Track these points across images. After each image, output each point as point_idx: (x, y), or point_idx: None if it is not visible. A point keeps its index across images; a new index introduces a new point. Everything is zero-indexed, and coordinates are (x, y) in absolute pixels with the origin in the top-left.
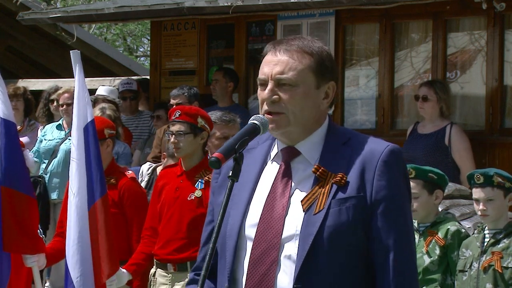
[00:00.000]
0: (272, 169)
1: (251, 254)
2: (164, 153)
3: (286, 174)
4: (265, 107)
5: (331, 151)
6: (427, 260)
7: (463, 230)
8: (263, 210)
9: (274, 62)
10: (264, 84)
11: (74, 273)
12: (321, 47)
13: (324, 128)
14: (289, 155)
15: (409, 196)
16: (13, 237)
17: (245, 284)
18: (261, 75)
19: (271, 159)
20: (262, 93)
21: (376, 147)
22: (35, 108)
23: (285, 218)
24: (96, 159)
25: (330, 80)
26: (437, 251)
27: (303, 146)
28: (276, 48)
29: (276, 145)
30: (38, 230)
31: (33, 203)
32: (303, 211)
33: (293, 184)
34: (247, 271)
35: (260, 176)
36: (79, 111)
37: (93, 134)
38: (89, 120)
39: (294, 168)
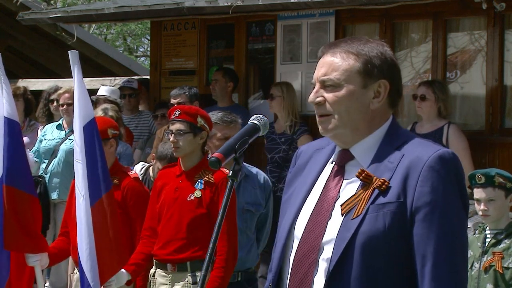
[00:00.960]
0: (330, 171)
1: (295, 254)
2: (153, 154)
3: (337, 176)
4: (316, 110)
5: (383, 155)
6: None
7: None
8: (312, 211)
9: (321, 65)
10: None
11: (90, 276)
12: (372, 47)
13: (382, 130)
14: (342, 158)
15: (462, 204)
16: (14, 236)
17: (288, 284)
18: (312, 80)
19: (331, 160)
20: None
21: (425, 152)
22: (35, 108)
23: (328, 221)
24: (99, 156)
25: (381, 78)
26: None
27: (356, 149)
28: (324, 52)
29: (337, 146)
30: None
31: (35, 202)
32: (341, 215)
33: (342, 187)
34: (291, 271)
35: (319, 176)
36: (80, 112)
37: (95, 131)
38: (89, 119)
39: (347, 171)
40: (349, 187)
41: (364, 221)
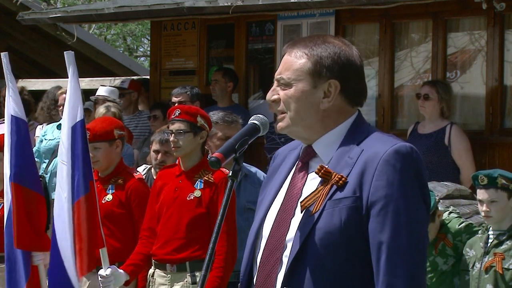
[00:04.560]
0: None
1: (262, 253)
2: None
3: (301, 173)
4: (273, 108)
5: (344, 151)
6: (440, 261)
7: (471, 223)
8: (279, 210)
9: (280, 63)
10: None
11: (73, 277)
12: (327, 47)
13: (344, 127)
14: (306, 155)
15: (421, 197)
16: (24, 234)
17: (255, 283)
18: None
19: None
20: None
21: (382, 147)
22: (35, 108)
23: (291, 219)
24: (83, 158)
25: (331, 78)
26: (449, 252)
27: (318, 145)
28: (285, 50)
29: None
30: None
31: (41, 200)
32: (301, 212)
33: (305, 184)
34: (258, 270)
35: (287, 176)
36: (69, 112)
37: (82, 133)
38: (78, 120)
39: (311, 168)
40: (311, 184)
41: (321, 217)
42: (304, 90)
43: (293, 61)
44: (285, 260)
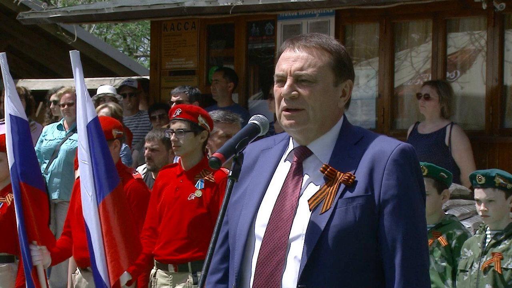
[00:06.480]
0: (284, 169)
1: (259, 253)
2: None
3: (297, 173)
4: (283, 103)
5: (343, 151)
6: (431, 260)
7: (469, 235)
8: (273, 210)
9: (293, 58)
10: (282, 80)
11: (104, 276)
12: (338, 45)
13: (338, 127)
14: (301, 155)
15: (422, 195)
16: (44, 232)
17: (252, 284)
18: (278, 72)
19: (284, 158)
20: (280, 89)
21: (387, 146)
22: (35, 108)
23: (293, 218)
24: (104, 155)
25: (348, 78)
26: (442, 251)
27: (315, 146)
28: (295, 44)
29: (290, 144)
30: None
31: (45, 198)
32: (310, 210)
33: (303, 183)
34: (255, 271)
35: (272, 175)
36: (83, 112)
37: (97, 131)
38: (90, 119)
39: (305, 168)
40: (312, 183)
41: (335, 215)
42: (329, 87)
43: (316, 57)
44: (290, 259)
